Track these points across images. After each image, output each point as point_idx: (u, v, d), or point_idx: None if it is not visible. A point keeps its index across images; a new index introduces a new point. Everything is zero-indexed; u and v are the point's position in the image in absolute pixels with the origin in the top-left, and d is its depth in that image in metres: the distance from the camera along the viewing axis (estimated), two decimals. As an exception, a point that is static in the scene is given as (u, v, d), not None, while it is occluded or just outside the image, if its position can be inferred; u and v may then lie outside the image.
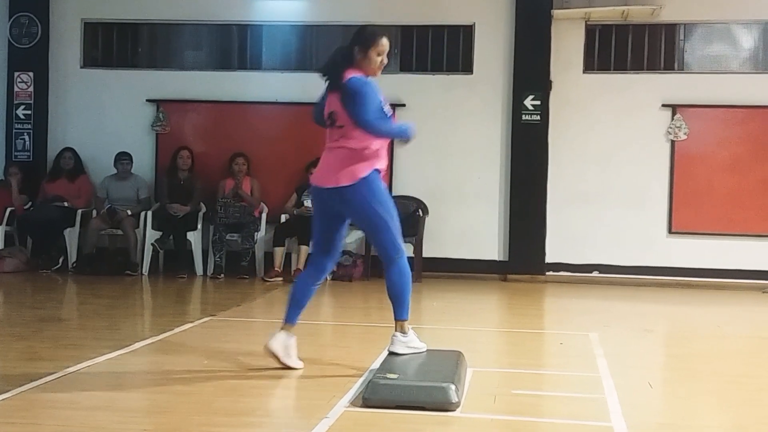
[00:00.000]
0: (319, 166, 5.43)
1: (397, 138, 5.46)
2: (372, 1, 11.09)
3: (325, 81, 5.35)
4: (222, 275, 10.21)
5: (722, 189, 10.56)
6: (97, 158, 11.21)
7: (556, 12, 10.60)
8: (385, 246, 5.34)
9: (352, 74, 5.23)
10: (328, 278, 10.27)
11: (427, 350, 5.48)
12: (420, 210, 10.75)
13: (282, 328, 5.41)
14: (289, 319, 5.43)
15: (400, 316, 5.38)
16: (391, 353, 5.33)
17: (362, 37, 5.28)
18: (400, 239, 5.37)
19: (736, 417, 4.82)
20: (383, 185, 5.36)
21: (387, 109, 5.32)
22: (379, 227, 5.30)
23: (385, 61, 5.36)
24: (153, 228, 10.51)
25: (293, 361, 5.38)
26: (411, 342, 5.38)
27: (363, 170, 5.22)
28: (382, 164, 5.32)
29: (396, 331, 5.37)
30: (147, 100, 11.33)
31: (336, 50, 5.44)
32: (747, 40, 10.73)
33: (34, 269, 10.30)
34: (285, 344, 5.37)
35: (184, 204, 10.54)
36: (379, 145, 5.28)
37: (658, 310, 9.05)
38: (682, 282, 10.46)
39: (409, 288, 5.41)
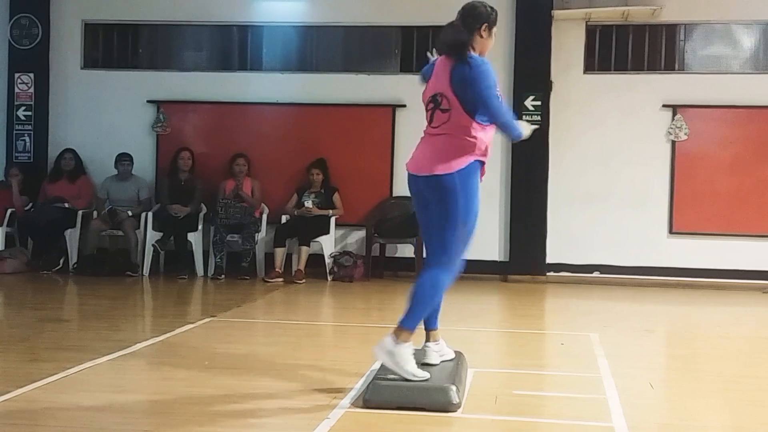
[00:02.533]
0: (415, 153, 4.97)
1: (510, 134, 4.89)
2: (372, 2, 11.09)
3: (436, 56, 4.98)
4: (222, 276, 10.21)
5: (723, 189, 10.56)
6: (98, 159, 11.21)
7: (556, 12, 10.59)
8: (437, 247, 4.84)
9: (471, 53, 4.81)
10: (329, 279, 10.31)
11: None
12: (421, 211, 10.73)
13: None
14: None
15: (401, 321, 4.72)
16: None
17: (488, 16, 4.89)
18: (457, 250, 4.80)
19: (736, 417, 4.82)
20: (477, 184, 4.86)
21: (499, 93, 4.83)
22: (447, 225, 4.79)
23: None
24: (154, 229, 10.51)
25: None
26: (399, 358, 4.68)
27: (462, 161, 4.76)
28: (484, 158, 4.85)
29: (391, 334, 4.72)
30: (147, 101, 11.33)
31: (456, 27, 4.91)
32: (747, 40, 10.72)
33: (34, 270, 10.30)
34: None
35: (185, 205, 10.54)
36: (485, 137, 4.80)
37: (659, 310, 9.05)
38: (683, 282, 10.46)
39: (426, 302, 4.80)
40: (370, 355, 5.68)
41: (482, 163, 4.88)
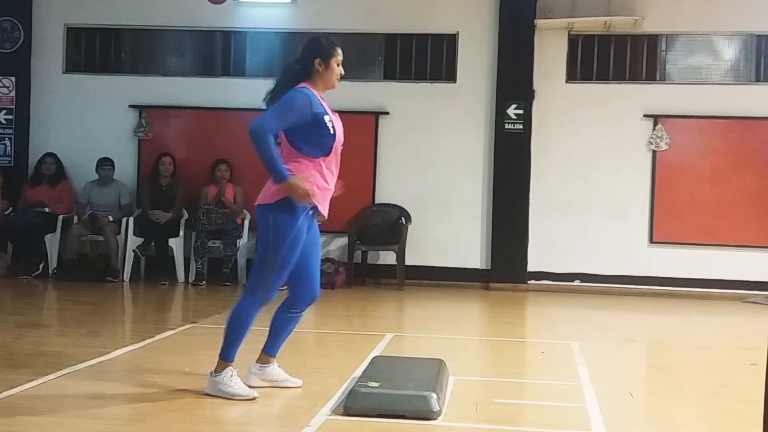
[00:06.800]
0: None
1: (269, 169, 4.97)
2: (356, 9, 11.10)
3: (269, 97, 5.05)
4: (204, 282, 10.18)
5: (703, 199, 10.62)
6: (79, 164, 11.15)
7: (539, 22, 10.64)
8: (253, 275, 5.06)
9: (303, 85, 4.97)
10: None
11: (409, 358, 5.43)
12: (403, 218, 10.76)
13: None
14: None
15: (221, 353, 4.96)
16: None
17: (322, 47, 5.02)
18: (266, 278, 4.94)
19: (716, 427, 4.84)
20: (292, 221, 4.98)
21: (331, 123, 5.00)
22: (262, 257, 5.03)
23: (342, 71, 5.12)
24: (134, 234, 10.47)
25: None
26: (220, 384, 4.88)
27: (277, 194, 4.93)
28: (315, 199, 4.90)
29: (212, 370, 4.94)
30: (130, 106, 11.29)
31: (288, 65, 5.17)
32: (728, 51, 10.81)
33: (14, 275, 10.22)
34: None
35: (166, 210, 10.51)
36: (315, 169, 4.94)
37: (640, 319, 9.08)
38: (663, 291, 10.51)
39: (235, 333, 4.99)
40: (351, 363, 5.69)
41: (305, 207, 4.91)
